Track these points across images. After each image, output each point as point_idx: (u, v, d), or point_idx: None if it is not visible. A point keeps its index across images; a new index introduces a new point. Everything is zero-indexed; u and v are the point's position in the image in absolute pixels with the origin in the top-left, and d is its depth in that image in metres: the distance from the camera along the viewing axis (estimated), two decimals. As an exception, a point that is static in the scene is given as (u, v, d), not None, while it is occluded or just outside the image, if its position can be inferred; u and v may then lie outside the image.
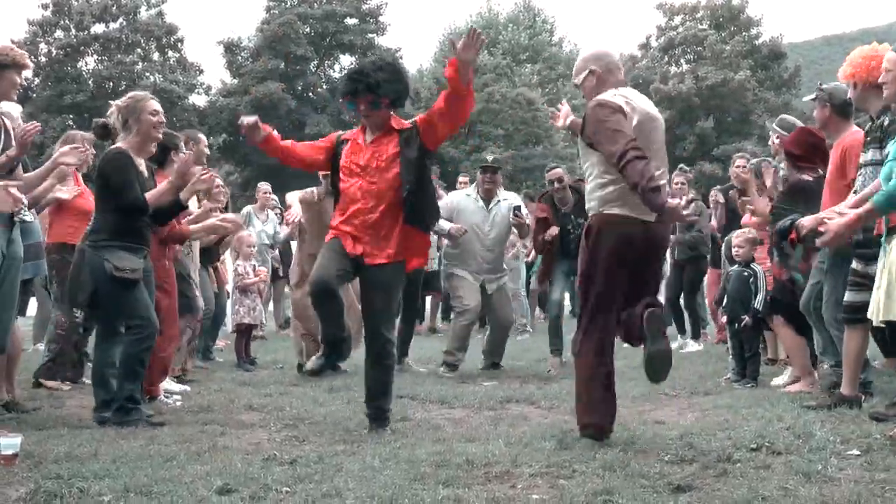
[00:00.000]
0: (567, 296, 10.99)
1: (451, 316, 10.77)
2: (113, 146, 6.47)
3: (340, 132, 6.57)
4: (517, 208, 9.51)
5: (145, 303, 6.45)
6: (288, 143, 6.47)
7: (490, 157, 10.27)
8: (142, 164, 6.55)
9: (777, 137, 7.98)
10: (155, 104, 6.61)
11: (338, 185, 6.25)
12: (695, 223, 11.15)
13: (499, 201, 9.68)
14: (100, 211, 6.43)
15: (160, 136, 6.77)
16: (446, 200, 9.99)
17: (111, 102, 6.72)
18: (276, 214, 13.99)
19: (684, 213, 5.28)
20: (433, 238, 9.31)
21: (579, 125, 5.77)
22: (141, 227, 6.46)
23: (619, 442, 5.50)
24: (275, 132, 6.33)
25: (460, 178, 15.23)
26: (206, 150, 8.81)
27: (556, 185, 9.73)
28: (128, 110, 6.50)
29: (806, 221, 6.20)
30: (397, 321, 9.06)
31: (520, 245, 13.73)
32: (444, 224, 9.26)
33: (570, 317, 13.16)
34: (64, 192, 7.55)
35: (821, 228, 5.64)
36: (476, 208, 9.64)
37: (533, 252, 12.90)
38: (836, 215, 5.53)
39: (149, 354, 6.54)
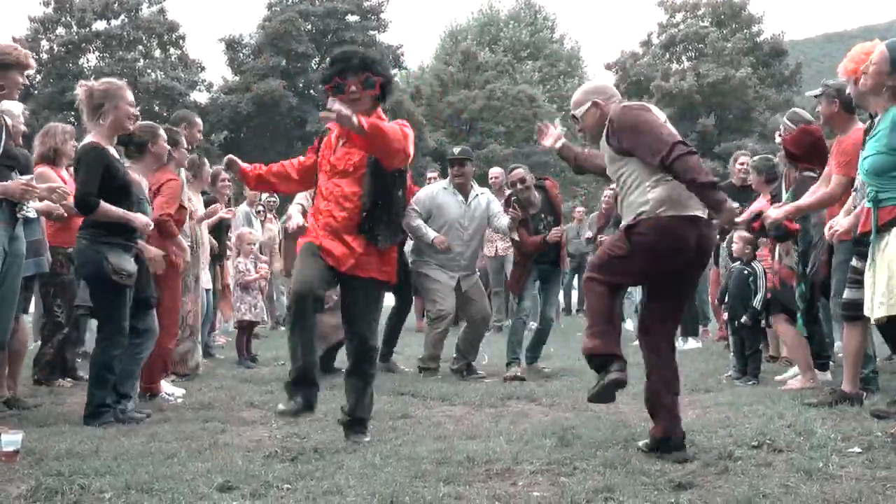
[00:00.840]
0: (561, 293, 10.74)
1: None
2: (88, 141, 6.37)
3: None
4: (516, 201, 8.99)
5: (125, 311, 6.42)
6: (274, 165, 6.24)
7: (457, 150, 9.78)
8: (114, 151, 6.52)
9: (786, 131, 7.94)
10: (132, 97, 6.54)
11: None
12: None
13: (476, 195, 9.39)
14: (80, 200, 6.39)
15: (130, 129, 6.66)
16: (423, 193, 9.57)
17: (81, 82, 6.55)
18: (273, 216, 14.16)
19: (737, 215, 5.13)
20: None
21: (573, 152, 6.01)
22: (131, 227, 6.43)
23: (619, 439, 5.50)
24: (247, 167, 6.21)
25: (428, 174, 14.28)
26: (199, 135, 8.81)
27: (520, 185, 9.16)
28: (106, 94, 6.38)
29: (773, 213, 6.22)
30: (385, 318, 8.95)
31: (500, 242, 13.39)
32: (428, 232, 9.10)
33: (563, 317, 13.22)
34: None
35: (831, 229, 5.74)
36: (455, 202, 9.28)
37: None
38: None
39: (117, 361, 6.45)
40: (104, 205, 6.20)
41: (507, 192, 9.70)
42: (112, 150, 6.43)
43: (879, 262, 5.29)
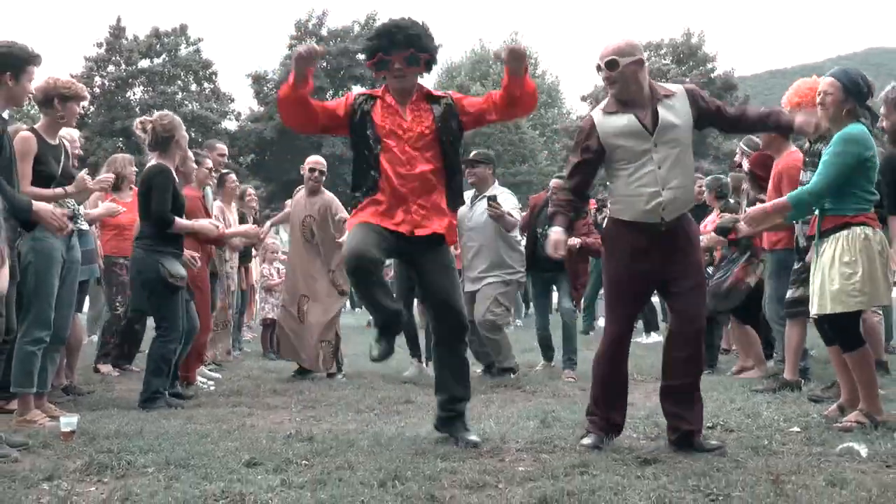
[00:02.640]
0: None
1: None
2: (156, 163, 6.50)
3: (356, 92, 5.20)
4: (492, 198, 7.87)
5: (178, 310, 6.51)
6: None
7: (472, 153, 8.70)
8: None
9: (741, 154, 7.94)
10: (183, 128, 6.84)
11: (367, 152, 4.89)
12: None
13: (483, 196, 8.13)
14: (147, 219, 6.48)
15: (189, 156, 7.14)
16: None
17: (144, 119, 6.75)
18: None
19: None
20: None
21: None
22: (180, 237, 6.54)
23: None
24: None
25: None
26: (220, 158, 8.79)
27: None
28: (172, 127, 6.62)
29: (744, 229, 6.23)
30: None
31: None
32: None
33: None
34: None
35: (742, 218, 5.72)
36: (465, 207, 8.03)
37: None
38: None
39: (174, 354, 6.58)
40: (178, 220, 6.47)
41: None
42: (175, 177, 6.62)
43: (816, 266, 5.30)
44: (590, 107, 49.30)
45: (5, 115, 5.02)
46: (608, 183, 4.89)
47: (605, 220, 5.18)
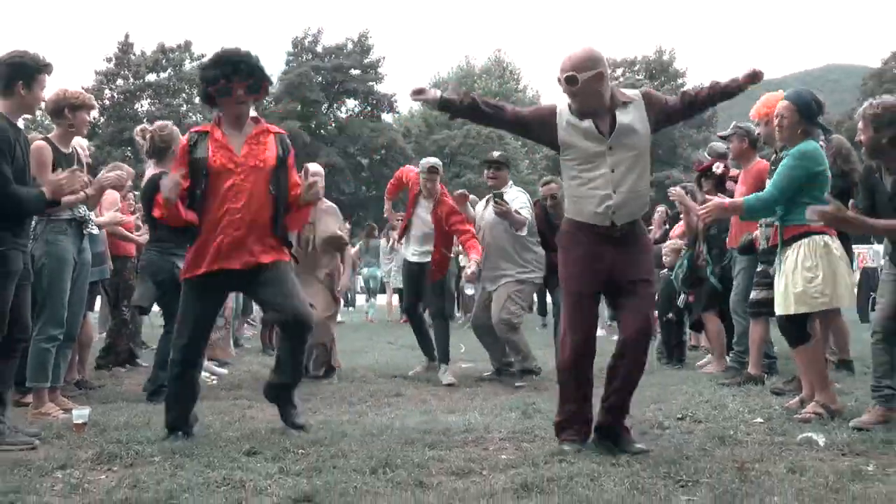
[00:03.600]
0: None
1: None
2: (156, 171, 6.41)
3: (189, 133, 4.95)
4: (498, 195, 7.32)
5: None
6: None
7: (496, 154, 8.30)
8: None
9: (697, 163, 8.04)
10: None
11: (198, 188, 4.72)
12: None
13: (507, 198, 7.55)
14: (159, 225, 6.44)
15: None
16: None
17: (144, 127, 6.80)
18: None
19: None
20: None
21: None
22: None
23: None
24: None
25: None
26: None
27: (550, 200, 8.10)
28: (170, 139, 6.55)
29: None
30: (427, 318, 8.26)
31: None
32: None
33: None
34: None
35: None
36: (479, 201, 7.98)
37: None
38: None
39: None
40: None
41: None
42: None
43: (780, 271, 5.35)
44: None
45: (20, 123, 5.00)
46: (564, 183, 4.67)
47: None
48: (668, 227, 10.48)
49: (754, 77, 4.39)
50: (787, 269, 5.24)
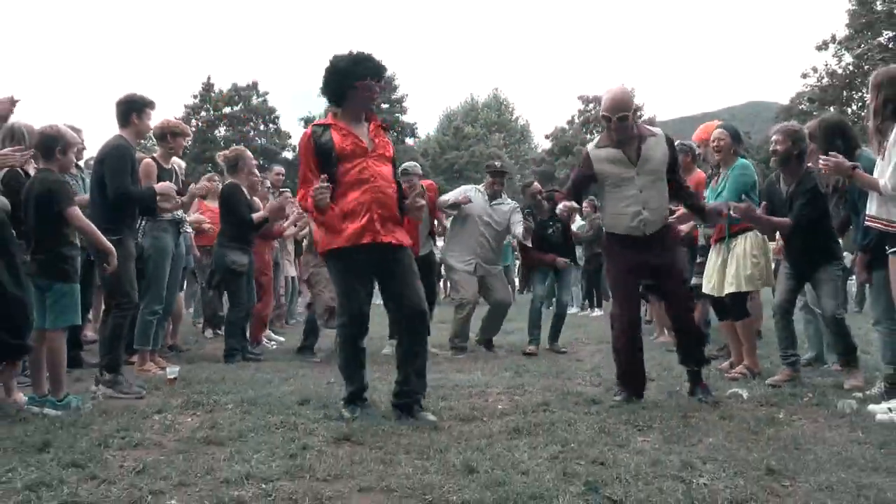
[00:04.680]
0: (574, 290, 8.24)
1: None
2: (230, 181, 6.64)
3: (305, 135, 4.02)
4: (529, 212, 7.23)
5: (243, 288, 6.51)
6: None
7: (498, 164, 7.87)
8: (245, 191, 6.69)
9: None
10: (251, 155, 6.89)
11: (332, 175, 3.83)
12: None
13: (502, 202, 7.31)
14: (225, 223, 6.50)
15: (256, 175, 7.08)
16: (461, 188, 7.66)
17: (220, 153, 6.98)
18: None
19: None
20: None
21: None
22: (248, 235, 6.52)
23: (552, 372, 5.51)
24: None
25: None
26: (278, 177, 8.60)
27: (538, 196, 7.56)
28: (237, 157, 6.67)
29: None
30: None
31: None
32: (449, 195, 7.39)
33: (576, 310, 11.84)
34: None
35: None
36: (481, 200, 7.24)
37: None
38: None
39: (244, 321, 6.56)
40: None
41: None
42: (245, 189, 6.70)
43: (730, 257, 5.34)
44: (552, 142, 49.30)
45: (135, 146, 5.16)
46: (599, 203, 4.65)
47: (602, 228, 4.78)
48: None
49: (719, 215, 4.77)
50: (738, 255, 5.29)
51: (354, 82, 3.93)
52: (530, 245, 7.34)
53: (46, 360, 4.13)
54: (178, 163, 6.26)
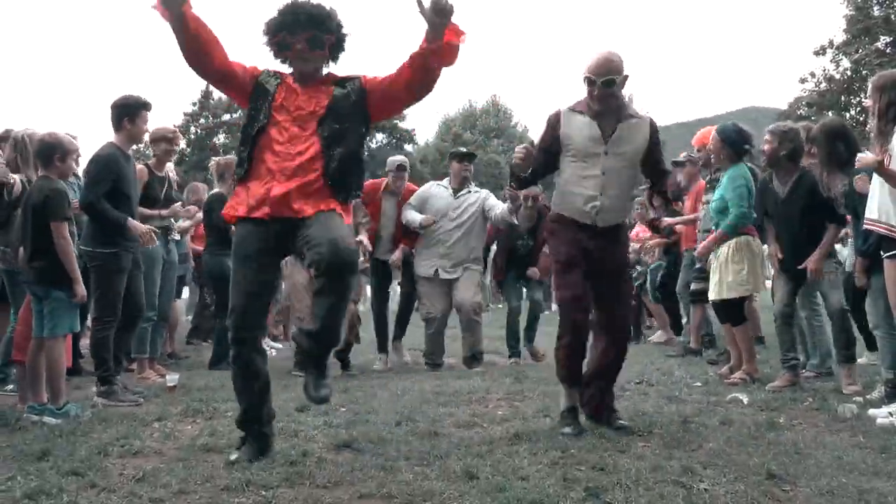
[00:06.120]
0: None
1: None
2: (216, 191, 6.61)
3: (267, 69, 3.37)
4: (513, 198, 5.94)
5: None
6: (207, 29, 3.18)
7: (463, 149, 7.32)
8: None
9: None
10: None
11: (255, 128, 3.23)
12: None
13: (468, 191, 6.63)
14: (208, 232, 6.56)
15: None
16: (419, 192, 6.78)
17: (213, 158, 6.96)
18: None
19: None
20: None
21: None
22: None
23: (552, 379, 5.48)
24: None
25: None
26: None
27: (532, 201, 6.90)
28: (225, 167, 6.60)
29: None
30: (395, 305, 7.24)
31: None
32: (413, 216, 6.50)
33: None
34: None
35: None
36: (445, 195, 6.59)
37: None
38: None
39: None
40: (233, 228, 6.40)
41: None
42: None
43: (714, 265, 5.35)
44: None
45: (129, 151, 5.07)
46: (556, 179, 3.96)
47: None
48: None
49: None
50: (721, 262, 5.27)
51: (267, 40, 3.31)
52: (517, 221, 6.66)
53: (45, 368, 4.14)
54: (170, 168, 6.27)
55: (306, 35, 3.23)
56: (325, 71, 3.36)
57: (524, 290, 7.58)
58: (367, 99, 3.26)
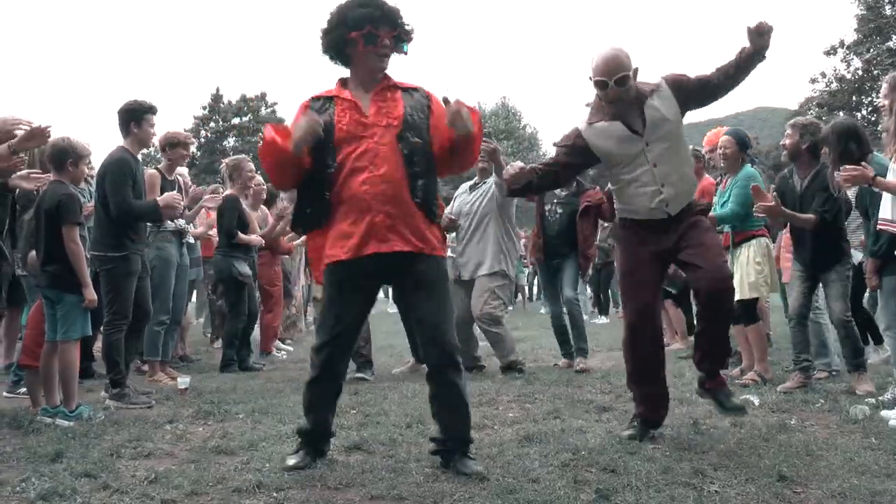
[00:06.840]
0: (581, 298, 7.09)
1: None
2: (229, 192, 6.63)
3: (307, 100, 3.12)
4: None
5: (244, 299, 6.52)
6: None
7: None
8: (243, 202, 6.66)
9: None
10: (251, 165, 6.76)
11: (326, 167, 2.97)
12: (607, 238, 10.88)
13: (485, 183, 6.12)
14: (220, 233, 6.57)
15: (253, 185, 6.89)
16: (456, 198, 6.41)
17: (222, 160, 6.92)
18: None
19: None
20: None
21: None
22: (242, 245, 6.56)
23: (562, 380, 5.49)
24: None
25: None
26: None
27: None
28: (233, 167, 6.67)
29: None
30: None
31: None
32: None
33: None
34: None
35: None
36: (463, 193, 6.27)
37: None
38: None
39: (244, 331, 6.55)
40: (241, 235, 6.46)
41: None
42: (243, 200, 6.59)
43: (736, 267, 5.38)
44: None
45: (139, 156, 5.11)
46: (611, 187, 3.74)
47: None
48: None
49: (759, 29, 3.40)
50: (742, 263, 5.32)
51: (350, 33, 3.01)
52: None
53: (59, 371, 4.17)
54: (182, 173, 6.30)
55: (392, 31, 3.03)
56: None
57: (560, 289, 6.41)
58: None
